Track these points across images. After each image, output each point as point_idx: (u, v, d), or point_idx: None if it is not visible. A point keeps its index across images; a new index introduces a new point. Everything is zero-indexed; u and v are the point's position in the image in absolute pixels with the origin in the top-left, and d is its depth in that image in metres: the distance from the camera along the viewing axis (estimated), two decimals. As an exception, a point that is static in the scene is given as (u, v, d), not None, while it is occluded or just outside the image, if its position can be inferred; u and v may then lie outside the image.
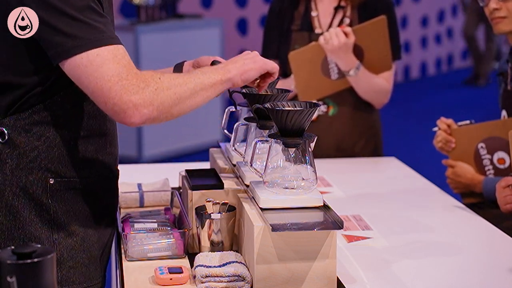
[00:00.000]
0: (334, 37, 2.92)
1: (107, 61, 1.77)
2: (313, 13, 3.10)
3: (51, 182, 1.91)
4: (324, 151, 3.09)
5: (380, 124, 3.25)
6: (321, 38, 2.95)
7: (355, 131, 3.13)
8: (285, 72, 3.13)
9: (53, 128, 1.90)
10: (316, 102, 2.85)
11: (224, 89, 1.90)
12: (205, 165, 2.55)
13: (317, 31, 3.08)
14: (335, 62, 3.01)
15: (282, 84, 3.07)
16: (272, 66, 1.99)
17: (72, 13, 1.79)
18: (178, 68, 2.24)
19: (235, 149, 2.17)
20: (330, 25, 3.07)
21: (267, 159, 1.90)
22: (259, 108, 1.92)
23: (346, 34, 2.93)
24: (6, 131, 1.88)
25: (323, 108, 3.10)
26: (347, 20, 3.08)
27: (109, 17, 1.94)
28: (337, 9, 3.08)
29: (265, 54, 3.17)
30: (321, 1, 3.11)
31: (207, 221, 2.00)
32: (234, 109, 2.25)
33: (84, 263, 1.98)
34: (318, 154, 3.09)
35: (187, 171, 2.21)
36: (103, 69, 1.76)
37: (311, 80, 3.04)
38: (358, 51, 2.99)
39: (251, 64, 1.94)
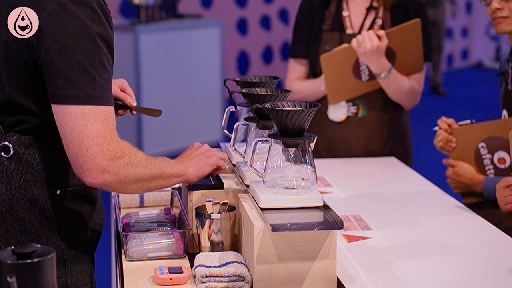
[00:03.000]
0: (367, 40, 2.88)
1: (98, 120, 1.79)
2: (345, 13, 3.07)
3: (58, 193, 1.94)
4: (352, 153, 3.09)
5: (409, 125, 3.22)
6: (353, 41, 2.91)
7: (384, 132, 3.11)
8: (314, 72, 3.11)
9: (56, 142, 1.90)
10: (315, 104, 2.84)
11: (176, 183, 2.00)
12: (205, 165, 2.55)
13: (348, 31, 3.05)
14: (366, 64, 2.99)
15: (312, 83, 3.10)
16: (223, 162, 2.12)
17: (84, 63, 1.79)
18: None
19: (235, 149, 2.17)
20: (361, 26, 3.04)
21: (267, 159, 1.90)
22: (259, 108, 1.92)
23: (379, 37, 2.90)
24: (11, 146, 1.89)
25: (353, 109, 3.09)
26: (379, 21, 3.04)
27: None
28: (369, 9, 3.05)
29: (294, 53, 3.15)
30: (353, 1, 3.07)
31: (207, 221, 2.00)
32: (234, 109, 2.25)
33: (88, 265, 2.03)
34: (346, 155, 3.10)
35: (187, 171, 2.21)
36: (92, 126, 1.78)
37: (341, 81, 3.02)
38: (390, 54, 2.96)
39: (205, 159, 2.07)
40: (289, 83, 3.18)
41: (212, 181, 2.12)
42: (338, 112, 3.09)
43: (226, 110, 2.26)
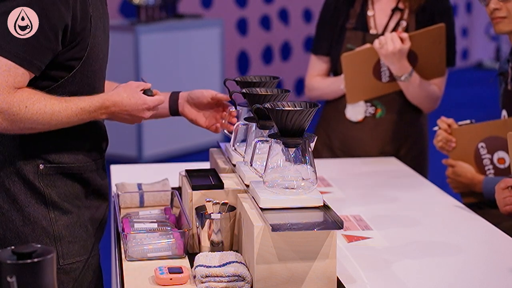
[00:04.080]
0: (390, 42, 2.85)
1: None
2: (369, 13, 3.05)
3: (41, 168, 2.01)
4: (367, 153, 3.08)
5: (427, 128, 3.20)
6: (376, 42, 2.89)
7: (401, 134, 3.10)
8: (335, 70, 3.11)
9: None
10: (315, 104, 2.83)
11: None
12: (205, 165, 2.55)
13: (372, 31, 3.04)
14: (387, 66, 2.98)
15: (333, 82, 3.09)
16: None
17: (8, 18, 1.84)
18: (174, 96, 2.33)
19: (235, 149, 2.17)
20: (385, 27, 3.03)
21: (267, 159, 1.90)
22: (259, 108, 1.92)
23: (402, 39, 2.88)
24: None
25: (371, 110, 3.08)
26: (403, 23, 3.02)
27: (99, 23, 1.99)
28: (394, 11, 3.03)
29: (316, 50, 3.14)
30: (378, 1, 3.05)
31: (207, 221, 2.00)
32: (234, 109, 2.25)
33: (82, 237, 2.09)
34: (362, 155, 3.09)
35: (187, 171, 2.21)
36: None
37: (361, 81, 3.01)
38: (412, 57, 2.94)
39: (132, 118, 2.09)
40: (309, 79, 3.17)
41: (212, 181, 2.13)
42: (356, 111, 3.08)
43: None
